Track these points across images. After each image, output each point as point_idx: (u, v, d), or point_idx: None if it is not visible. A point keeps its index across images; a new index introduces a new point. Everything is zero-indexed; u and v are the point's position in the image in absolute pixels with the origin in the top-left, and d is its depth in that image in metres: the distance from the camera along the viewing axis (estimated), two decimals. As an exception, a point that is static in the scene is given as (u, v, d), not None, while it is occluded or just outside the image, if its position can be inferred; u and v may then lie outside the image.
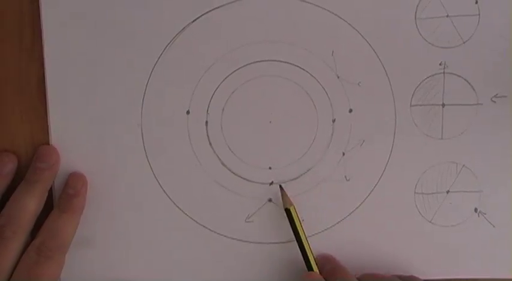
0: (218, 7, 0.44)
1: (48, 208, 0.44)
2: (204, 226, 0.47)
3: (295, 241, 0.46)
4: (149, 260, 0.47)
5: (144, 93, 0.45)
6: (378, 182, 0.47)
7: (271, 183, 0.47)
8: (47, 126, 0.45)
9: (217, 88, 0.45)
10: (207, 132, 0.46)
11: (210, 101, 0.46)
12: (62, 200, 0.44)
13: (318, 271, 0.46)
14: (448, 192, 0.47)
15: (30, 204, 0.43)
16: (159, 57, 0.45)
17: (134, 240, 0.46)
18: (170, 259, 0.47)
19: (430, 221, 0.47)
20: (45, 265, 0.41)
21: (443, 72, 0.46)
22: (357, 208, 0.47)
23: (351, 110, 0.46)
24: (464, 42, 0.46)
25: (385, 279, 0.45)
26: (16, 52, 0.44)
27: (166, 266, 0.47)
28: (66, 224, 0.43)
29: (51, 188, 0.45)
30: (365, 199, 0.47)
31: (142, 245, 0.46)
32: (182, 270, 0.47)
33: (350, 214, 0.47)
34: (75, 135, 0.45)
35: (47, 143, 0.45)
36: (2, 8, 0.43)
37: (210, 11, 0.44)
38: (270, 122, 0.46)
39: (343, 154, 0.47)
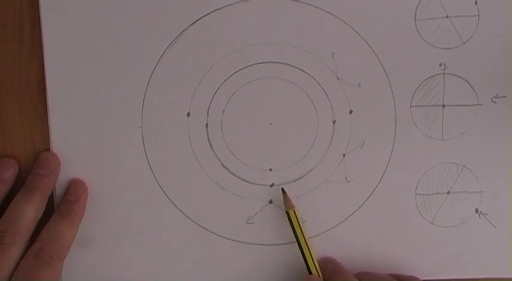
0: (218, 9, 0.44)
1: (48, 213, 0.44)
2: (204, 228, 0.47)
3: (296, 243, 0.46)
4: (150, 261, 0.47)
5: (144, 95, 0.45)
6: (378, 183, 0.47)
7: (272, 185, 0.47)
8: (47, 127, 0.45)
9: (217, 90, 0.45)
10: (207, 134, 0.46)
11: (210, 103, 0.46)
12: (62, 206, 0.44)
13: (318, 273, 0.46)
14: (448, 193, 0.47)
15: (29, 210, 0.42)
16: (159, 59, 0.45)
17: (135, 242, 0.46)
18: (170, 260, 0.47)
19: (431, 222, 0.47)
20: (43, 270, 0.41)
21: (443, 73, 0.46)
22: (358, 209, 0.47)
23: (351, 111, 0.46)
24: (464, 43, 0.46)
25: (383, 278, 0.45)
26: (16, 52, 0.44)
27: (167, 268, 0.47)
28: (65, 230, 0.43)
29: (52, 194, 0.45)
30: (366, 200, 0.47)
31: (142, 247, 0.46)
32: (183, 272, 0.47)
33: (351, 215, 0.47)
34: (75, 138, 0.45)
35: (47, 144, 0.45)
36: (2, 8, 0.44)
37: (210, 13, 0.44)
38: (270, 123, 0.46)
39: (344, 155, 0.47)
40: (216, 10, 0.45)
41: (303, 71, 0.46)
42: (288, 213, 0.46)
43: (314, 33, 0.45)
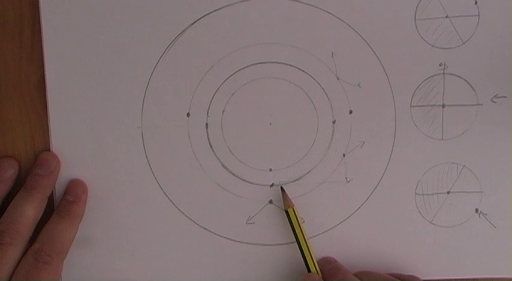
0: (218, 9, 0.44)
1: (48, 213, 0.44)
2: (204, 228, 0.47)
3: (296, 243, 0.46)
4: (150, 262, 0.47)
5: (144, 95, 0.45)
6: (378, 183, 0.47)
7: (272, 185, 0.47)
8: (47, 127, 0.45)
9: (217, 90, 0.45)
10: (207, 134, 0.46)
11: (210, 103, 0.46)
12: (62, 206, 0.44)
13: (318, 271, 0.46)
14: (448, 193, 0.47)
15: (29, 211, 0.43)
16: (159, 60, 0.45)
17: (135, 242, 0.46)
18: (170, 260, 0.47)
19: (431, 222, 0.47)
20: (43, 270, 0.41)
21: (443, 73, 0.46)
22: (358, 209, 0.47)
23: (351, 111, 0.46)
24: (464, 43, 0.46)
25: (383, 277, 0.45)
26: (16, 52, 0.44)
27: (167, 268, 0.47)
28: (65, 230, 0.43)
29: (52, 194, 0.45)
30: (366, 200, 0.47)
31: (143, 247, 0.46)
32: (182, 272, 0.47)
33: (351, 215, 0.47)
34: (75, 138, 0.45)
35: (47, 144, 0.45)
36: (2, 8, 0.44)
37: (210, 13, 0.44)
38: (270, 123, 0.46)
39: (344, 155, 0.47)
40: (215, 10, 0.45)
41: (303, 71, 0.46)
42: (287, 212, 0.46)
43: (314, 33, 0.45)
